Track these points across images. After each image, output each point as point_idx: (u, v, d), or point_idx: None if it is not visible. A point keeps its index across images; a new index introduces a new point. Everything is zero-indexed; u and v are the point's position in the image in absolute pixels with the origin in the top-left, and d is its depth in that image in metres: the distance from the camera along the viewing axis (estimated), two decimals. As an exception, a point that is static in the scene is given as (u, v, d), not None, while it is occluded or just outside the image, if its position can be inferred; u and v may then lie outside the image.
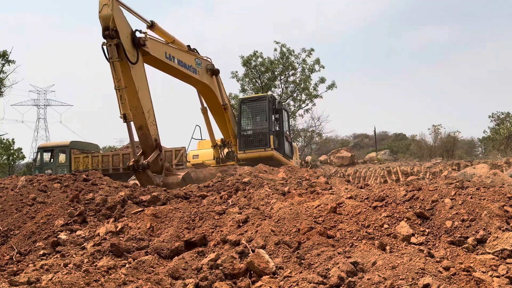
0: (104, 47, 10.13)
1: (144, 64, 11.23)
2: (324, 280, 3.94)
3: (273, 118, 15.64)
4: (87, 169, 20.26)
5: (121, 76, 10.03)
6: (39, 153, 24.30)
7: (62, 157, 23.66)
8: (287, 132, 16.97)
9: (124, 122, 10.14)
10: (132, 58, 10.47)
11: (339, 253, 4.47)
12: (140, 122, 10.78)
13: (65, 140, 24.51)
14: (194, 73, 13.29)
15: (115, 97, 10.11)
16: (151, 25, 11.87)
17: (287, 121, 17.43)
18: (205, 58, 14.14)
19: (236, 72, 34.14)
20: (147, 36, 11.13)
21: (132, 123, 10.37)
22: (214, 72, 14.37)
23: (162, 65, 12.16)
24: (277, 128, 15.89)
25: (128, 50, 10.29)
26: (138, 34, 10.85)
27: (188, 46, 13.58)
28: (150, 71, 11.75)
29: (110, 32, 9.90)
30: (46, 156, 24.19)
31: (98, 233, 5.99)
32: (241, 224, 5.54)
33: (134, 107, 10.46)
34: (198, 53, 13.97)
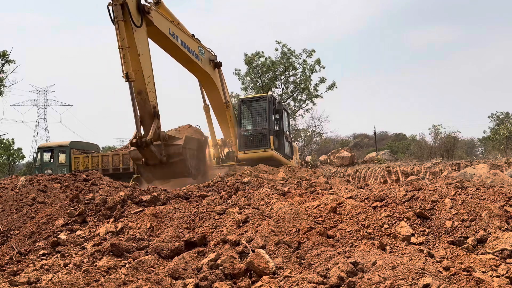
0: (110, 7, 10.18)
1: (148, 39, 11.26)
2: (324, 280, 3.94)
3: (273, 118, 15.63)
4: (87, 169, 20.27)
5: (125, 36, 10.07)
6: (39, 153, 24.31)
7: (62, 157, 23.68)
8: (287, 132, 16.96)
9: (126, 81, 10.22)
10: (137, 21, 10.54)
11: (339, 253, 4.47)
12: (140, 86, 10.80)
13: (65, 140, 24.52)
14: (197, 59, 13.22)
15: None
16: (157, 2, 11.85)
17: (287, 121, 17.42)
18: (208, 49, 14.08)
19: (239, 70, 34.31)
20: (152, 7, 11.15)
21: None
22: (217, 65, 14.30)
23: (165, 42, 12.09)
24: (277, 128, 15.87)
25: (132, 13, 10.34)
26: (143, 2, 10.91)
27: (193, 35, 13.53)
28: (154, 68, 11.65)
29: None
30: (46, 156, 24.20)
31: (98, 233, 5.99)
32: (241, 224, 5.54)
33: (135, 70, 10.47)
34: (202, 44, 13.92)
